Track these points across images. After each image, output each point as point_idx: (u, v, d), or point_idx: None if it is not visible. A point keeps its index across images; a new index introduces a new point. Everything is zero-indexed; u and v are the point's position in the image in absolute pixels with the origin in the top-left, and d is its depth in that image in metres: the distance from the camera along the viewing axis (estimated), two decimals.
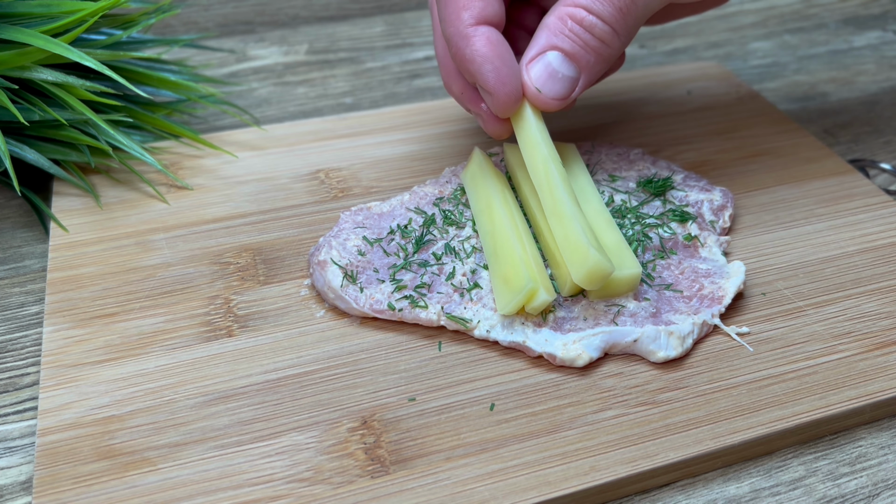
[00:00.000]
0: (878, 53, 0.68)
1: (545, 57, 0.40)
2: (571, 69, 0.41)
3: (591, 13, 0.40)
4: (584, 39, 0.40)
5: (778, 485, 0.35)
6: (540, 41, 0.41)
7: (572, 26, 0.40)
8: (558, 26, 0.40)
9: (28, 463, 0.35)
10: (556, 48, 0.40)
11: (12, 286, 0.44)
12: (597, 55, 0.41)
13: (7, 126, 0.47)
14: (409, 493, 0.32)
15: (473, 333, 0.38)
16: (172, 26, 0.70)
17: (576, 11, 0.40)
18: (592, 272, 0.36)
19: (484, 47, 0.39)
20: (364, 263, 0.41)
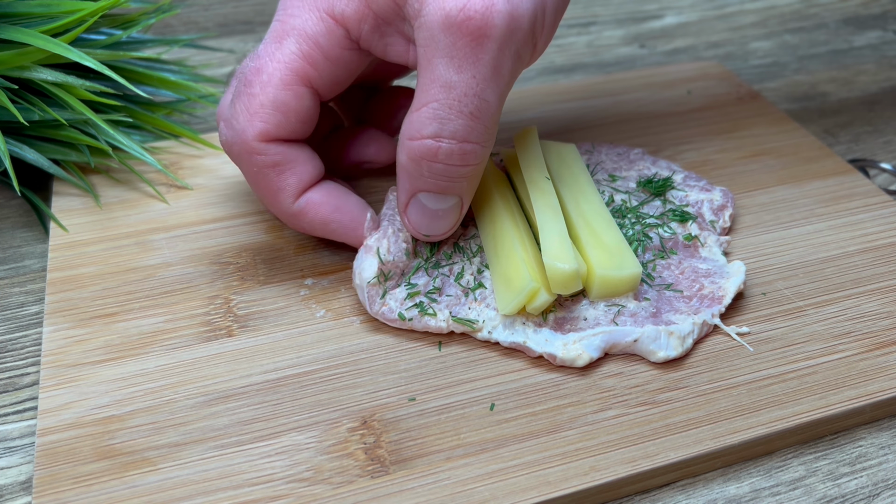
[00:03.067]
0: (878, 53, 0.68)
1: (417, 200, 0.39)
2: (448, 200, 0.39)
3: (442, 139, 0.36)
4: (447, 173, 0.37)
5: (778, 485, 0.35)
6: (404, 185, 0.38)
7: (429, 166, 0.37)
8: (415, 169, 0.37)
9: (28, 463, 0.35)
10: (422, 191, 0.38)
11: (12, 286, 0.44)
12: (469, 178, 0.38)
13: (7, 126, 0.47)
14: (409, 493, 0.32)
15: (477, 335, 0.38)
16: (172, 26, 0.70)
17: (425, 146, 0.36)
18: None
19: (317, 216, 0.39)
20: (404, 266, 0.40)
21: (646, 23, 0.73)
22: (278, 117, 0.38)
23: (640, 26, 0.72)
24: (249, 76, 0.38)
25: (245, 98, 0.38)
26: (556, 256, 0.37)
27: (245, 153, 0.38)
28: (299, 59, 0.37)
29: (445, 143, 0.36)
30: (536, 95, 0.57)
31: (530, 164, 0.43)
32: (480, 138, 0.37)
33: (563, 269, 0.37)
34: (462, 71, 0.35)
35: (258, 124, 0.38)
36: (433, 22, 0.35)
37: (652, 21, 0.73)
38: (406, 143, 0.37)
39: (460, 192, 0.39)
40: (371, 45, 0.38)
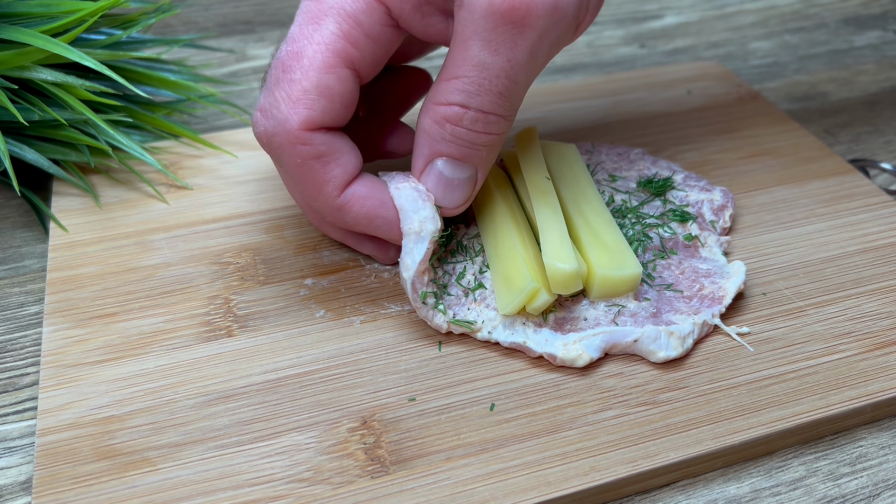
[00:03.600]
0: (878, 53, 0.68)
1: (434, 167, 0.38)
2: (465, 170, 0.38)
3: (469, 108, 0.36)
4: (470, 139, 0.37)
5: (778, 485, 0.35)
6: (423, 149, 0.38)
7: (452, 130, 0.36)
8: (437, 132, 0.37)
9: (28, 463, 0.35)
10: (442, 155, 0.37)
11: (12, 286, 0.44)
12: (488, 147, 0.38)
13: (7, 126, 0.47)
14: (409, 493, 0.32)
15: (477, 336, 0.38)
16: (172, 26, 0.70)
17: (450, 111, 0.36)
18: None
19: (363, 208, 0.38)
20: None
21: (646, 23, 0.73)
22: (323, 103, 0.36)
23: (640, 26, 0.72)
24: (287, 61, 0.36)
25: (285, 85, 0.36)
26: (556, 256, 0.37)
27: (288, 144, 0.36)
28: (340, 40, 0.36)
29: (471, 112, 0.36)
30: (536, 95, 0.57)
31: (530, 164, 0.43)
32: (506, 112, 0.37)
33: (564, 269, 0.37)
34: (497, 55, 0.35)
35: (303, 111, 0.36)
36: (476, 5, 0.34)
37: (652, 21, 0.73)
38: (432, 106, 0.37)
39: (478, 162, 0.38)
40: (411, 23, 0.37)
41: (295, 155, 0.37)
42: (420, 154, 0.38)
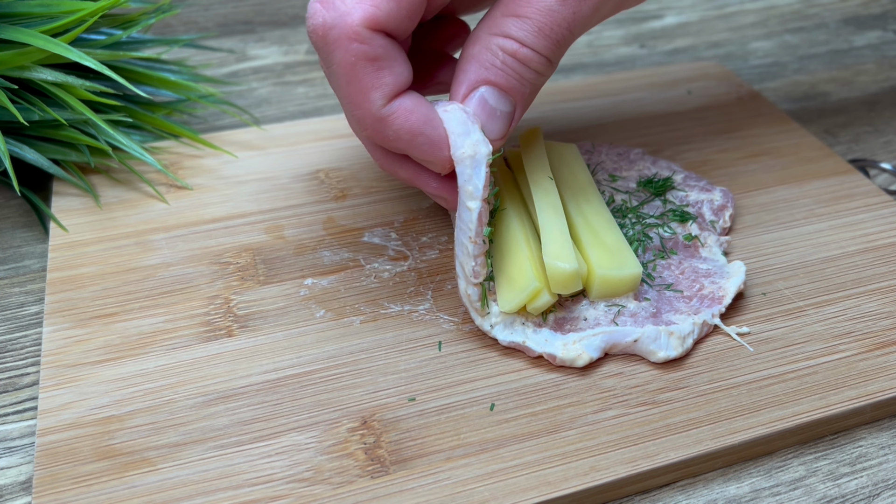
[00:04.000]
0: (878, 53, 0.68)
1: (479, 94, 0.37)
2: (508, 103, 0.38)
3: (525, 46, 0.36)
4: (520, 73, 0.37)
5: (778, 485, 0.35)
6: (469, 75, 0.37)
7: (505, 59, 0.37)
8: (489, 58, 0.37)
9: (28, 463, 0.35)
10: (490, 83, 0.37)
11: (12, 286, 0.44)
12: (532, 87, 0.38)
13: (7, 126, 0.47)
14: (409, 493, 0.32)
15: (481, 324, 0.38)
16: (172, 26, 0.70)
17: (507, 43, 0.37)
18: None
19: (408, 122, 0.36)
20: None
21: (646, 23, 0.73)
22: (391, 5, 0.35)
23: (640, 26, 0.72)
24: None
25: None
26: (557, 256, 0.37)
27: (345, 39, 0.35)
28: None
29: (527, 49, 0.37)
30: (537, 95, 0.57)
31: (534, 164, 0.43)
32: (555, 59, 0.38)
33: (564, 268, 0.37)
34: (565, 5, 0.36)
35: (368, 8, 0.34)
36: None
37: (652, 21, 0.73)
38: (485, 35, 0.37)
39: (520, 98, 0.38)
40: None
41: (349, 53, 0.35)
42: (465, 80, 0.37)
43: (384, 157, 0.40)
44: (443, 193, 0.39)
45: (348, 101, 0.36)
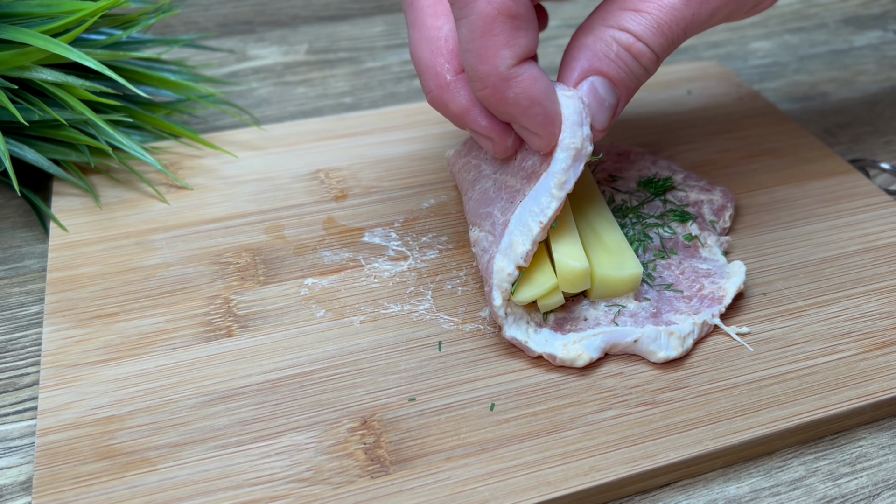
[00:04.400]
0: (878, 53, 0.68)
1: (589, 82, 0.38)
2: (614, 96, 0.38)
3: (641, 41, 0.37)
4: (631, 67, 0.38)
5: (778, 485, 0.35)
6: (582, 63, 0.37)
7: (619, 51, 0.37)
8: (603, 49, 0.37)
9: (28, 463, 0.35)
10: (601, 73, 0.37)
11: (12, 286, 0.44)
12: (637, 83, 0.39)
13: (7, 126, 0.47)
14: (409, 493, 0.32)
15: (497, 308, 0.37)
16: (172, 26, 0.70)
17: (623, 36, 0.37)
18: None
19: (530, 89, 0.35)
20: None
21: None
22: None
23: None
24: None
25: None
26: (568, 254, 0.37)
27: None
28: None
29: (642, 45, 0.37)
30: None
31: None
32: (664, 56, 0.38)
33: (575, 266, 0.37)
34: (688, 6, 0.37)
35: None
36: None
37: None
38: (601, 27, 0.37)
39: (624, 92, 0.38)
40: None
41: (492, 5, 0.34)
42: (577, 67, 0.38)
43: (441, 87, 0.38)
44: (491, 134, 0.38)
45: (476, 55, 0.35)
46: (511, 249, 0.36)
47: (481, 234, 0.39)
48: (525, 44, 0.35)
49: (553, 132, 0.36)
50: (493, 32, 0.34)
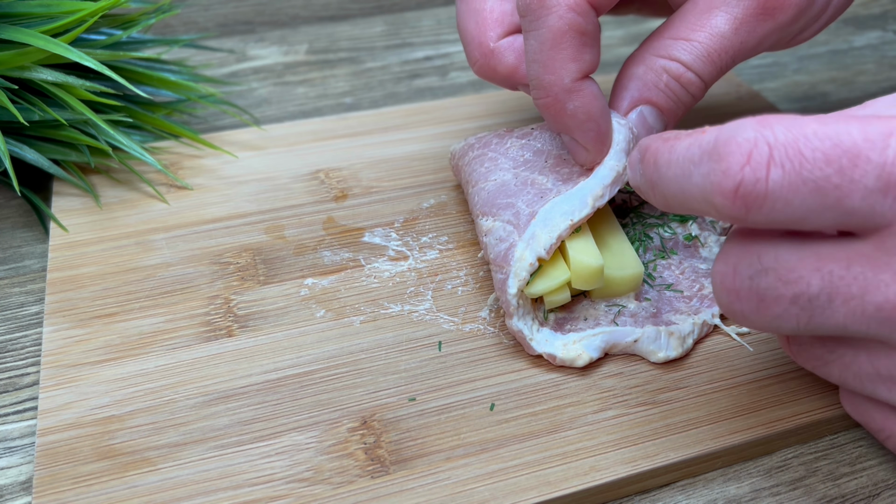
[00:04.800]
0: (878, 53, 0.68)
1: (639, 111, 0.39)
2: (662, 124, 0.40)
3: (690, 70, 0.38)
4: (679, 96, 0.39)
5: (778, 485, 0.35)
6: (632, 92, 0.39)
7: (668, 81, 0.38)
8: (653, 79, 0.39)
9: (28, 463, 0.35)
10: (651, 102, 0.39)
11: (12, 286, 0.44)
12: (685, 110, 0.40)
13: (7, 126, 0.47)
14: (409, 493, 0.32)
15: (511, 296, 0.37)
16: (172, 26, 0.70)
17: (672, 66, 0.38)
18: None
19: (589, 105, 0.37)
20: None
21: (646, 23, 0.73)
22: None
23: (640, 26, 0.72)
24: None
25: None
26: (583, 251, 0.37)
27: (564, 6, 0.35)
28: None
29: (692, 74, 0.38)
30: None
31: None
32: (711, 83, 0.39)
33: (591, 263, 0.37)
34: (737, 34, 0.38)
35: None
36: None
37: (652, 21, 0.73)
38: (651, 56, 0.39)
39: (673, 118, 0.40)
40: None
41: (564, 21, 0.36)
42: (628, 97, 0.39)
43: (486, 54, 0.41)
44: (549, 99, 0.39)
45: (543, 65, 0.37)
46: (534, 240, 0.37)
47: (497, 223, 0.39)
48: (589, 60, 0.37)
49: (601, 150, 0.38)
50: (562, 46, 0.36)
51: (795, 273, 0.27)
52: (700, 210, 0.29)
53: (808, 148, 0.26)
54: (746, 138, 0.26)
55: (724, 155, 0.27)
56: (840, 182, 0.26)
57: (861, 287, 0.27)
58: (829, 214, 0.26)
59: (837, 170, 0.26)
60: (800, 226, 0.27)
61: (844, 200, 0.26)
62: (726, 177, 0.26)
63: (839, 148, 0.26)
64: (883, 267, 0.26)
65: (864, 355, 0.29)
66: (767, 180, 0.26)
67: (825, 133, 0.26)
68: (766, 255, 0.28)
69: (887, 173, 0.25)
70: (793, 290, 0.27)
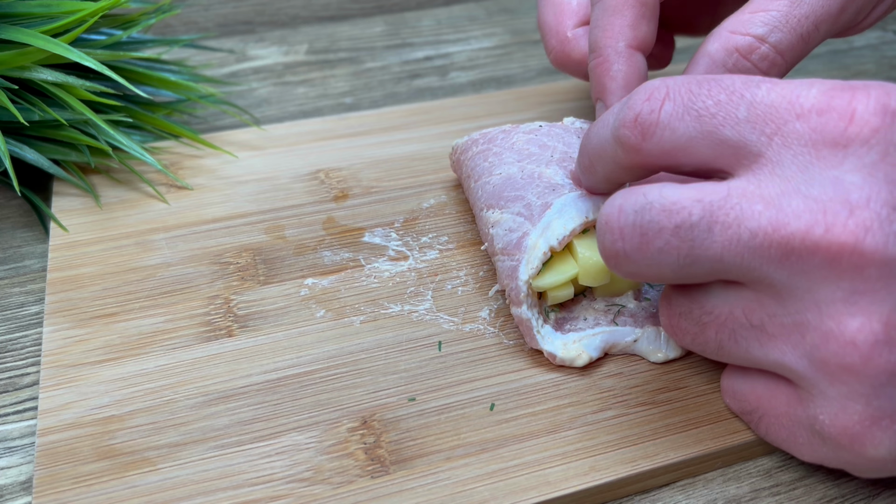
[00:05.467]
0: (878, 53, 0.68)
1: None
2: None
3: (766, 43, 0.37)
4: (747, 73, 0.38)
5: (778, 485, 0.35)
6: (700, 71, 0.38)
7: (738, 61, 0.38)
8: (722, 59, 0.38)
9: (28, 463, 0.35)
10: None
11: (12, 286, 0.44)
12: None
13: (7, 126, 0.47)
14: (409, 493, 0.32)
15: (522, 283, 0.37)
16: (172, 26, 0.70)
17: (744, 42, 0.37)
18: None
19: (630, 74, 0.39)
20: None
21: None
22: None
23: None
24: None
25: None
26: (591, 247, 0.37)
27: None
28: None
29: (766, 47, 0.37)
30: (536, 95, 0.57)
31: None
32: (791, 62, 0.38)
33: (598, 259, 0.37)
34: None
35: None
36: None
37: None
38: (725, 33, 0.38)
39: None
40: None
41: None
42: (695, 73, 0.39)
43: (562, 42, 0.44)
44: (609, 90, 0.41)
45: (602, 29, 0.40)
46: (549, 230, 0.37)
47: (506, 215, 0.39)
48: (645, 31, 0.40)
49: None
50: (623, 13, 0.39)
51: (678, 204, 0.29)
52: (611, 155, 0.33)
53: (697, 87, 0.31)
54: (651, 85, 0.31)
55: (632, 97, 0.32)
56: (717, 111, 0.30)
57: (737, 215, 0.29)
58: (707, 142, 0.30)
59: (716, 102, 0.30)
60: (684, 156, 0.31)
61: (719, 128, 0.30)
62: (630, 110, 0.31)
63: (720, 86, 0.30)
64: (756, 198, 0.29)
65: (738, 307, 0.31)
66: (660, 111, 0.31)
67: (713, 78, 0.31)
68: (651, 192, 0.30)
69: (755, 108, 0.29)
70: (675, 220, 0.29)
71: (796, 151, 0.29)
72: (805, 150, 0.28)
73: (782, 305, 0.29)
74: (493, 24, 0.71)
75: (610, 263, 0.32)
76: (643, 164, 0.32)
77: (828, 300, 0.28)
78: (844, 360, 0.28)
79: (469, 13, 0.72)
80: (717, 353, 0.33)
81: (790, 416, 0.31)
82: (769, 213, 0.28)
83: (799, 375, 0.30)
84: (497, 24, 0.70)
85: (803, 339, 0.29)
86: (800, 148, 0.29)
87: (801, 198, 0.28)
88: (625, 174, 0.34)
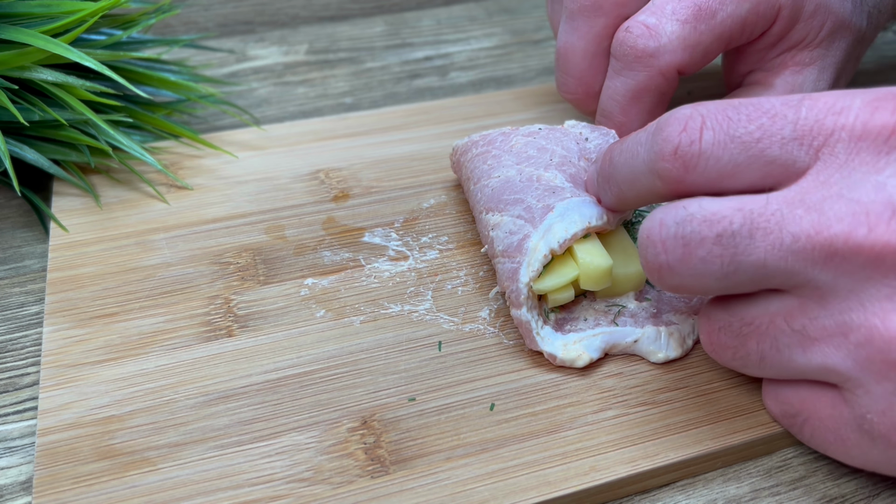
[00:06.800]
0: (878, 53, 0.68)
1: None
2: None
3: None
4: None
5: (778, 485, 0.35)
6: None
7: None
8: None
9: (28, 463, 0.35)
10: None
11: (12, 286, 0.44)
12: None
13: (7, 126, 0.47)
14: (409, 493, 0.32)
15: (523, 283, 0.37)
16: (172, 26, 0.70)
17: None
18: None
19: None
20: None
21: None
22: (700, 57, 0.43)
23: None
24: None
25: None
26: (591, 251, 0.37)
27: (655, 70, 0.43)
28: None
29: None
30: (536, 95, 0.57)
31: None
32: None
33: (600, 264, 0.37)
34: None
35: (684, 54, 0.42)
36: None
37: None
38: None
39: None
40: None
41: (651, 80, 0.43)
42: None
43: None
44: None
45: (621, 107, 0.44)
46: (550, 233, 0.37)
47: (506, 218, 0.39)
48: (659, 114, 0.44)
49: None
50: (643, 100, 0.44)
51: (719, 214, 0.30)
52: (647, 185, 0.33)
53: (734, 112, 0.30)
54: (683, 113, 0.31)
55: (664, 127, 0.31)
56: (762, 136, 0.30)
57: (778, 221, 0.29)
58: (755, 165, 0.30)
59: (759, 126, 0.30)
60: (730, 182, 0.31)
61: (766, 151, 0.30)
62: (667, 142, 0.31)
63: (760, 110, 0.30)
64: (796, 203, 0.29)
65: (779, 315, 0.31)
66: (701, 141, 0.30)
67: (749, 101, 0.31)
68: (691, 204, 0.30)
69: (801, 126, 0.30)
70: (716, 229, 0.29)
71: (840, 160, 0.29)
72: (848, 157, 0.29)
73: (825, 307, 0.29)
74: (493, 24, 0.71)
75: (654, 277, 0.32)
76: (685, 193, 0.32)
77: (872, 298, 0.28)
78: (890, 355, 0.28)
79: (469, 13, 0.72)
80: (760, 365, 0.32)
81: (836, 418, 0.31)
82: (810, 217, 0.28)
83: (844, 376, 0.30)
84: (497, 24, 0.70)
85: (846, 339, 0.29)
86: (843, 156, 0.29)
87: (844, 201, 0.28)
88: (662, 200, 0.34)
